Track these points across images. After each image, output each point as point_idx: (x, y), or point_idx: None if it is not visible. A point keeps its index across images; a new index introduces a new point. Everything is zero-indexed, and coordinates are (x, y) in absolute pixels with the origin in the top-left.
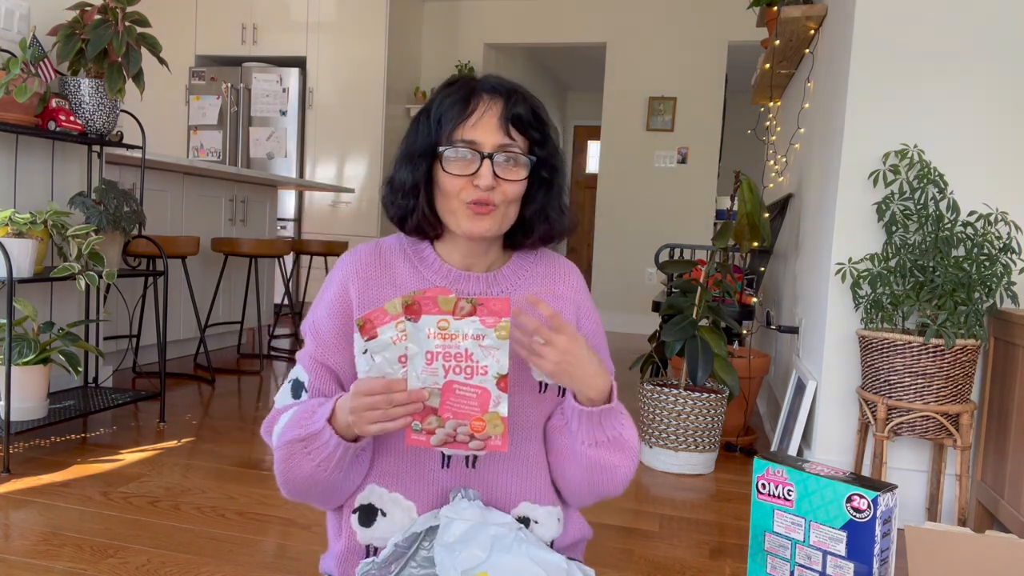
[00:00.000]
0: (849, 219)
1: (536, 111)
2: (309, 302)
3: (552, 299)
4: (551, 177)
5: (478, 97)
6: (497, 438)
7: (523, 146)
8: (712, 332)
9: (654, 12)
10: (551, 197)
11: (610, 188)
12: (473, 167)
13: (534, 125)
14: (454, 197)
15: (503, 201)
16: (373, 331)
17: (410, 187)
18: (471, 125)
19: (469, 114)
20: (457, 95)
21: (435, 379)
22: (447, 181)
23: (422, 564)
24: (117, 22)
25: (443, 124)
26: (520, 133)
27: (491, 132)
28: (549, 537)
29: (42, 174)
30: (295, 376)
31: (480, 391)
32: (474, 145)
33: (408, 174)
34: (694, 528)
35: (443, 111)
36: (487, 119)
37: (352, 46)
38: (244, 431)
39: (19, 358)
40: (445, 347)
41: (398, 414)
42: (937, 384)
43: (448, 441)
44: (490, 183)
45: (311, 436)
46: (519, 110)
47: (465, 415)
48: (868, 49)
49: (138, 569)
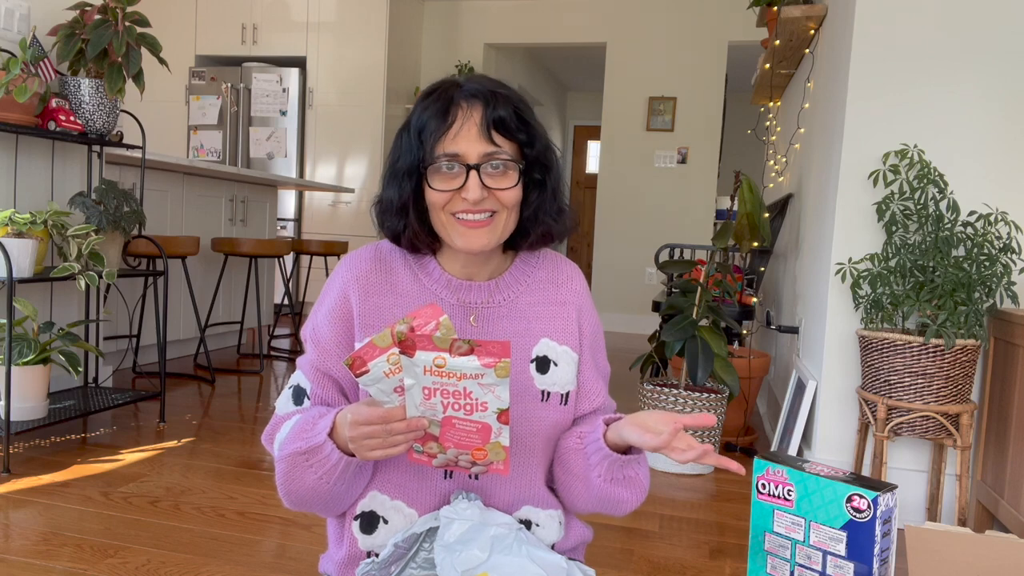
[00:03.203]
0: (849, 219)
1: (519, 111)
2: (309, 302)
3: (555, 305)
4: (543, 177)
5: (456, 106)
6: (499, 463)
7: (510, 150)
8: (712, 332)
9: (654, 12)
10: (545, 198)
11: (610, 188)
12: (459, 181)
13: (518, 127)
14: (442, 211)
15: (500, 208)
16: (364, 367)
17: (399, 207)
18: (452, 138)
19: (449, 126)
20: (435, 106)
21: (433, 412)
22: (434, 196)
23: (422, 565)
24: (117, 22)
25: (424, 139)
26: (505, 137)
27: (473, 142)
28: (551, 540)
29: (42, 174)
30: (296, 382)
31: (481, 425)
32: (458, 158)
33: (395, 192)
34: (694, 528)
35: (423, 124)
36: (467, 129)
37: (352, 46)
38: (244, 431)
39: (19, 358)
40: (442, 384)
41: (398, 441)
42: (937, 384)
43: (450, 465)
44: (478, 196)
45: (312, 449)
46: (500, 113)
47: (466, 446)
48: (868, 49)
49: (138, 569)
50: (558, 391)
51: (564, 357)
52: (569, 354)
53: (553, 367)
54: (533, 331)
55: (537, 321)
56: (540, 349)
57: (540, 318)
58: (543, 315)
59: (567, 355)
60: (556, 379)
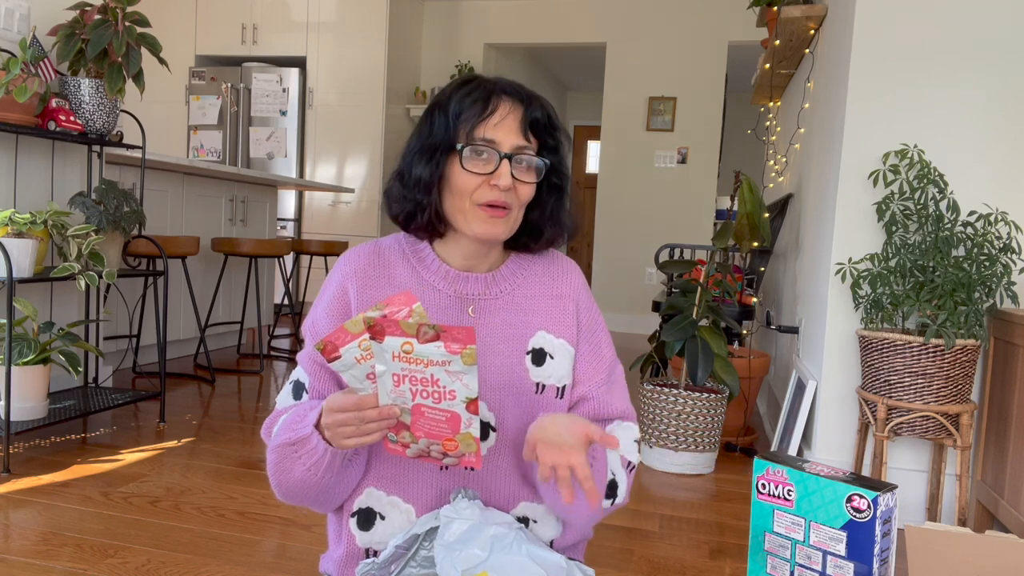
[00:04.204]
0: (849, 219)
1: (551, 118)
2: (309, 302)
3: (552, 299)
4: (561, 183)
5: (499, 98)
6: (471, 455)
7: (536, 151)
8: (712, 332)
9: (654, 12)
10: (562, 202)
11: (610, 188)
12: (491, 166)
13: (550, 131)
14: (467, 197)
15: (517, 203)
16: (335, 352)
17: (426, 182)
18: (493, 125)
19: (491, 113)
20: (477, 94)
21: (403, 400)
22: (463, 179)
23: (422, 564)
24: (117, 22)
25: (461, 121)
26: (536, 137)
27: (511, 133)
28: (549, 536)
29: (42, 174)
30: (296, 377)
31: (450, 414)
32: (494, 144)
33: (424, 169)
34: (694, 528)
35: (463, 108)
36: (508, 120)
37: (352, 46)
38: (244, 431)
39: (19, 358)
40: (411, 371)
41: (371, 429)
42: (937, 384)
43: (423, 455)
44: (509, 183)
45: (300, 441)
46: (537, 115)
47: (436, 436)
48: (868, 49)
49: (138, 569)
50: (554, 384)
51: (560, 350)
52: (566, 347)
53: (549, 360)
54: (530, 323)
55: (534, 314)
56: (536, 341)
57: (537, 311)
58: (540, 308)
59: (563, 348)
60: (552, 372)
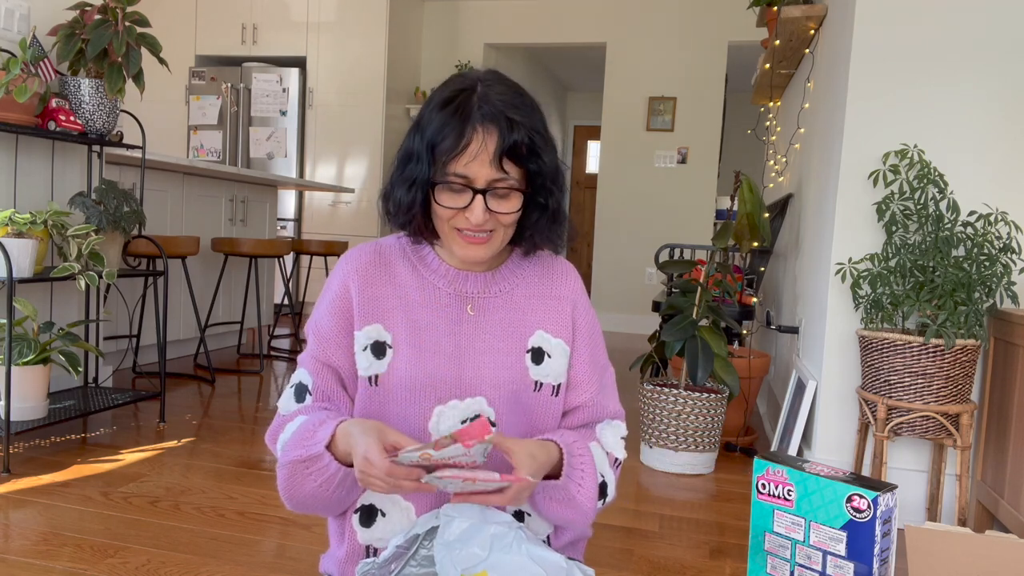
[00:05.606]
0: (849, 219)
1: (532, 138)
2: (309, 302)
3: (550, 299)
4: (546, 201)
5: (474, 129)
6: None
7: (518, 175)
8: (712, 332)
9: (654, 12)
10: (544, 220)
11: (610, 188)
12: (465, 200)
13: (529, 157)
14: (445, 222)
15: (500, 226)
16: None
17: (407, 206)
18: (464, 162)
19: (463, 149)
20: (453, 123)
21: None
22: (439, 210)
23: (422, 563)
24: (117, 22)
25: (437, 154)
26: (515, 164)
27: (484, 166)
28: (544, 532)
29: (42, 174)
30: (298, 380)
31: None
32: (466, 180)
33: (406, 196)
34: (694, 528)
35: (437, 140)
36: (480, 154)
37: (352, 46)
38: (244, 431)
39: (19, 358)
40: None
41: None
42: (937, 384)
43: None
44: (481, 220)
45: (312, 459)
46: (516, 138)
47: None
48: (868, 49)
49: (138, 569)
50: (550, 382)
51: (557, 350)
52: (562, 347)
53: (547, 358)
54: (529, 322)
55: (532, 313)
56: (536, 340)
57: (535, 310)
58: (538, 308)
59: (560, 348)
60: (549, 370)
